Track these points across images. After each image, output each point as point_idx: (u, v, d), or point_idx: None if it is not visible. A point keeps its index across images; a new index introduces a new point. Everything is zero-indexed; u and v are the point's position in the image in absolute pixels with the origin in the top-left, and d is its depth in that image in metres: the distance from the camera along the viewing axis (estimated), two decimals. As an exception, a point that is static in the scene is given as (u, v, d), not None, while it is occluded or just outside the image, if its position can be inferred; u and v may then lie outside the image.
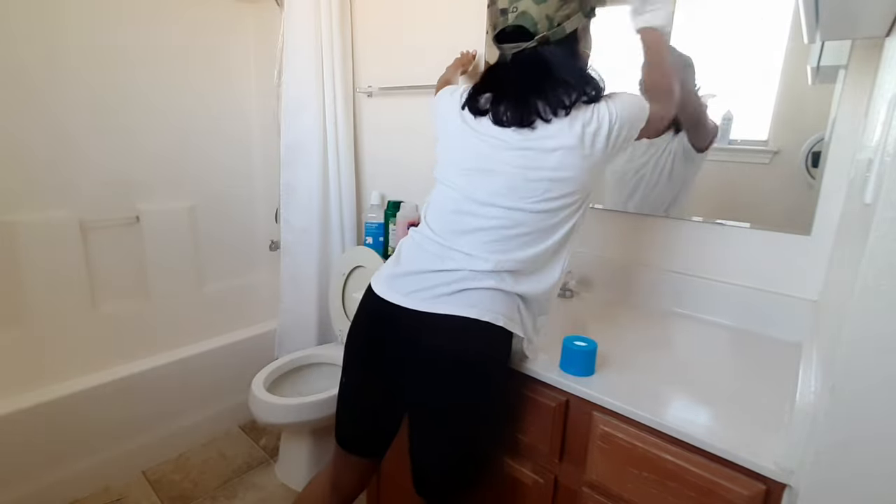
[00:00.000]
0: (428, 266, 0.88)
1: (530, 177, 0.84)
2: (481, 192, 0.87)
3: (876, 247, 0.49)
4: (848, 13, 0.74)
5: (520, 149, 0.85)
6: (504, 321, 0.84)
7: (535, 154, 0.84)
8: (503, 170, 0.85)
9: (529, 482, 0.98)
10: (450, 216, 0.90)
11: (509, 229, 0.85)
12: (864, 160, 0.66)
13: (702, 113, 1.16)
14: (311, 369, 1.74)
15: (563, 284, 1.32)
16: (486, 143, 0.88)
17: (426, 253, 0.89)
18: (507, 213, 0.85)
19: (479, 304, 0.83)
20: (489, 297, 0.84)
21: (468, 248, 0.86)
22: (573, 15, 0.84)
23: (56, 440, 1.47)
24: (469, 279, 0.84)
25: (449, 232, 0.89)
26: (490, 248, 0.85)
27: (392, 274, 0.91)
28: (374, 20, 1.83)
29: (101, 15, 1.86)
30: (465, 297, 0.84)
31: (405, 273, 0.90)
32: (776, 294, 1.09)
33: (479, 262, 0.85)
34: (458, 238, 0.88)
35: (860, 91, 0.95)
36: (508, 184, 0.85)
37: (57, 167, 1.83)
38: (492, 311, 0.83)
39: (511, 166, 0.85)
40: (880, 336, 0.50)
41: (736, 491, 0.70)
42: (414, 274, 0.88)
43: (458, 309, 0.83)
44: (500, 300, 0.85)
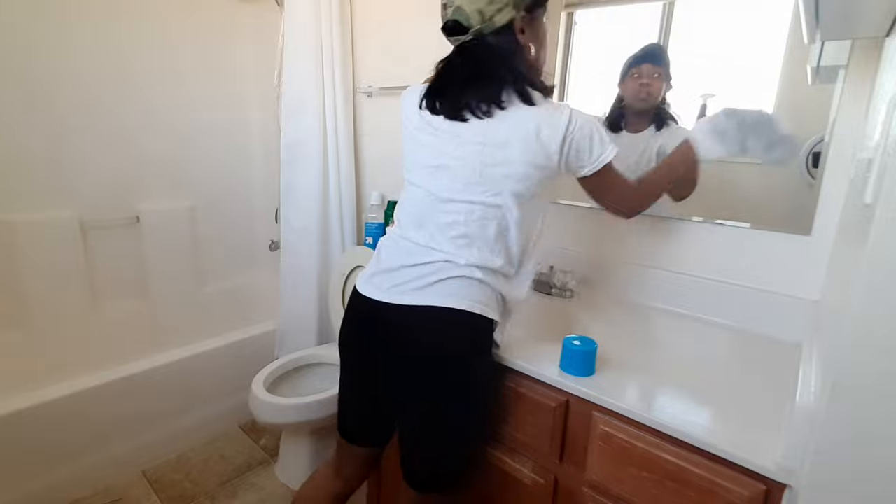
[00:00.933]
0: (404, 262, 0.90)
1: (485, 171, 0.86)
2: (441, 189, 0.90)
3: (876, 247, 0.49)
4: (848, 13, 0.74)
5: (473, 143, 0.87)
6: (481, 308, 0.86)
7: (486, 148, 0.86)
8: (458, 165, 0.88)
9: (529, 482, 0.98)
10: (417, 214, 0.93)
11: (471, 224, 0.88)
12: (864, 160, 0.66)
13: (693, 185, 1.18)
14: (311, 369, 1.74)
15: (563, 284, 1.32)
16: (441, 139, 0.90)
17: (401, 250, 0.92)
18: (467, 207, 0.87)
19: (456, 293, 0.86)
20: (465, 286, 0.87)
21: (436, 243, 0.89)
22: (504, 8, 0.86)
23: (56, 440, 1.47)
24: (443, 270, 0.87)
25: (417, 229, 0.92)
26: (457, 242, 0.88)
27: (373, 272, 0.95)
28: (374, 20, 1.83)
29: (101, 15, 1.86)
30: (441, 287, 0.86)
31: (384, 270, 0.92)
32: (776, 294, 1.09)
33: (450, 256, 0.87)
34: (426, 235, 0.90)
35: (860, 91, 0.95)
36: (465, 178, 0.88)
37: (57, 167, 1.83)
38: (468, 300, 0.86)
39: (465, 161, 0.87)
40: (880, 336, 0.50)
41: (736, 491, 0.70)
42: (392, 270, 0.91)
43: (435, 299, 0.86)
44: (476, 288, 0.87)
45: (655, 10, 1.22)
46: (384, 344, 0.92)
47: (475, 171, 0.87)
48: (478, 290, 0.87)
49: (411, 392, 0.92)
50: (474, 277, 0.87)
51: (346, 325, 0.99)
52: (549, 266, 1.36)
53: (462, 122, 0.88)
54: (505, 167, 0.86)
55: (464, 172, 0.88)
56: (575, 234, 1.41)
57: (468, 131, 0.88)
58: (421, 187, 0.93)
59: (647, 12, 1.24)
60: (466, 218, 0.88)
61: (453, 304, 0.85)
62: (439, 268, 0.87)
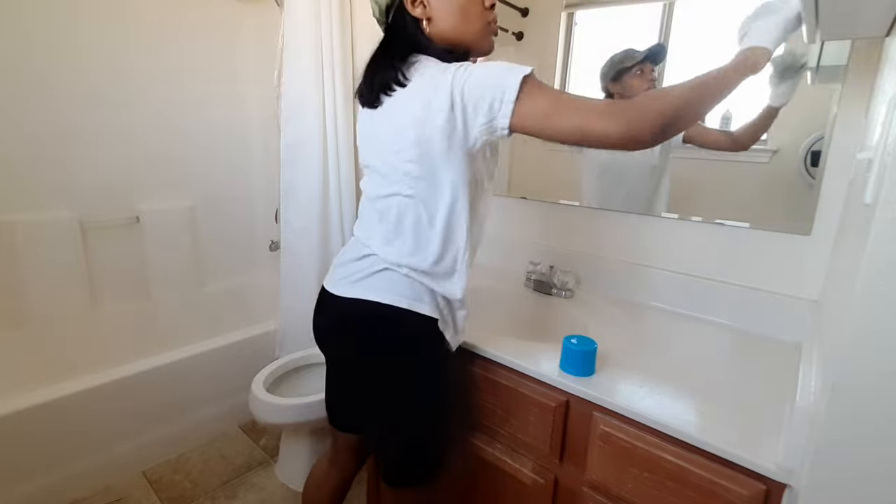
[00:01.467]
0: (350, 256, 0.94)
1: (392, 160, 0.86)
2: (369, 185, 0.93)
3: (876, 247, 0.49)
4: (848, 13, 0.74)
5: (374, 133, 0.89)
6: (408, 303, 0.86)
7: (387, 135, 0.86)
8: (374, 159, 0.90)
9: (529, 482, 0.98)
10: (361, 213, 0.97)
11: (391, 219, 0.87)
12: (864, 160, 0.66)
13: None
14: (311, 369, 1.73)
15: (563, 284, 1.32)
16: (361, 134, 0.94)
17: (350, 246, 0.97)
18: (387, 200, 0.88)
19: (382, 287, 0.87)
20: (394, 280, 0.87)
21: (372, 239, 0.91)
22: (394, 4, 0.88)
23: (56, 440, 1.47)
24: (376, 264, 0.88)
25: (360, 227, 0.95)
26: (386, 237, 0.89)
27: (332, 266, 0.99)
28: (373, 21, 1.82)
29: (101, 15, 1.86)
30: (373, 280, 0.88)
31: (338, 264, 0.96)
32: (776, 294, 1.09)
33: (378, 252, 0.89)
34: (365, 231, 0.93)
35: (860, 91, 0.95)
36: (380, 171, 0.89)
37: (57, 167, 1.83)
38: (394, 294, 0.86)
39: (377, 153, 0.89)
40: (880, 336, 0.50)
41: (736, 491, 0.70)
42: (342, 264, 0.95)
43: (364, 292, 0.87)
44: (404, 283, 0.87)
45: (655, 10, 1.22)
46: (331, 333, 0.96)
47: (385, 163, 0.87)
48: (406, 285, 0.87)
49: (357, 385, 0.96)
50: (401, 272, 0.87)
51: (314, 315, 1.02)
52: (549, 266, 1.36)
53: (371, 108, 0.89)
54: (404, 151, 0.83)
55: (378, 165, 0.89)
56: (574, 233, 1.41)
57: (368, 119, 0.90)
58: (363, 186, 0.96)
59: (647, 12, 1.24)
60: (386, 213, 0.88)
61: (376, 297, 0.86)
62: (373, 262, 0.89)
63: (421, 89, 0.80)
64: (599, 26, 1.34)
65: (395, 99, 0.84)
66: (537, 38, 1.43)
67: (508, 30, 1.47)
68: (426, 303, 0.88)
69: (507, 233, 1.56)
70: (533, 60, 1.44)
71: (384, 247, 0.88)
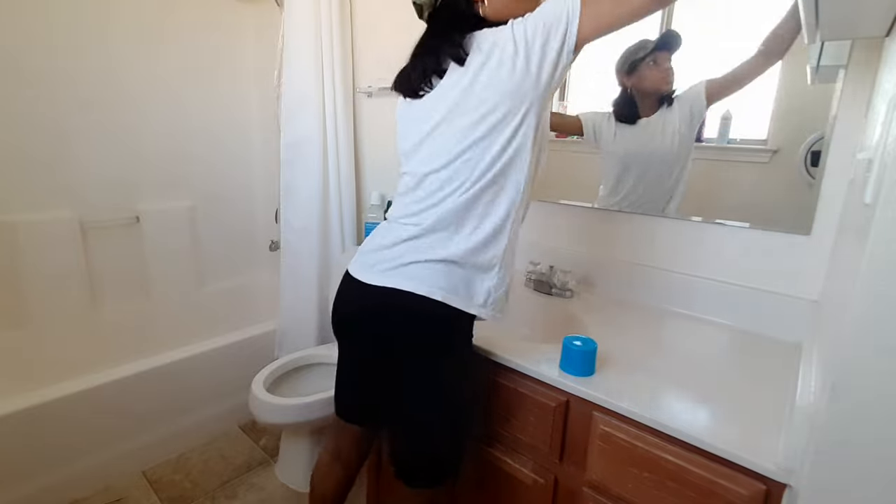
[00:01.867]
0: (384, 242, 0.90)
1: (447, 131, 0.85)
2: (417, 165, 0.90)
3: (876, 247, 0.49)
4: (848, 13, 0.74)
5: (422, 118, 0.89)
6: (442, 295, 0.82)
7: (454, 105, 0.85)
8: (429, 140, 0.89)
9: (529, 482, 0.98)
10: (399, 198, 0.94)
11: (441, 192, 0.85)
12: (864, 160, 0.66)
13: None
14: (311, 369, 1.73)
15: (563, 284, 1.32)
16: (407, 120, 0.95)
17: (383, 230, 0.93)
18: (442, 173, 0.86)
19: (417, 278, 0.83)
20: (429, 271, 0.83)
21: (414, 220, 0.87)
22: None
23: (56, 440, 1.47)
24: (411, 252, 0.85)
25: (400, 211, 0.92)
26: (427, 216, 0.86)
27: (360, 251, 0.95)
28: (374, 20, 1.83)
29: (101, 15, 1.86)
30: (408, 270, 0.84)
31: (369, 250, 0.93)
32: (776, 294, 1.09)
33: (419, 233, 0.86)
34: (406, 215, 0.90)
35: (860, 91, 0.95)
36: (430, 149, 0.88)
37: (57, 167, 1.83)
38: (428, 285, 0.83)
39: (432, 134, 0.88)
40: (880, 336, 0.50)
41: (736, 491, 0.70)
42: (374, 251, 0.91)
43: (399, 282, 0.84)
44: (441, 273, 0.83)
45: (655, 10, 1.22)
46: (361, 323, 0.93)
47: (438, 138, 0.86)
48: (443, 276, 0.83)
49: (383, 378, 0.93)
50: (441, 260, 0.84)
51: (335, 302, 0.98)
52: (549, 266, 1.36)
53: (415, 97, 0.91)
54: (467, 115, 0.83)
55: (434, 145, 0.88)
56: (574, 233, 1.41)
57: (426, 107, 0.89)
58: (406, 171, 0.94)
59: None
60: (437, 186, 0.85)
61: (411, 287, 0.82)
62: (407, 249, 0.85)
63: (485, 52, 0.82)
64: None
65: (454, 76, 0.85)
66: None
67: (508, 30, 1.46)
68: (461, 297, 0.84)
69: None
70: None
71: (428, 234, 0.85)
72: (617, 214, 1.33)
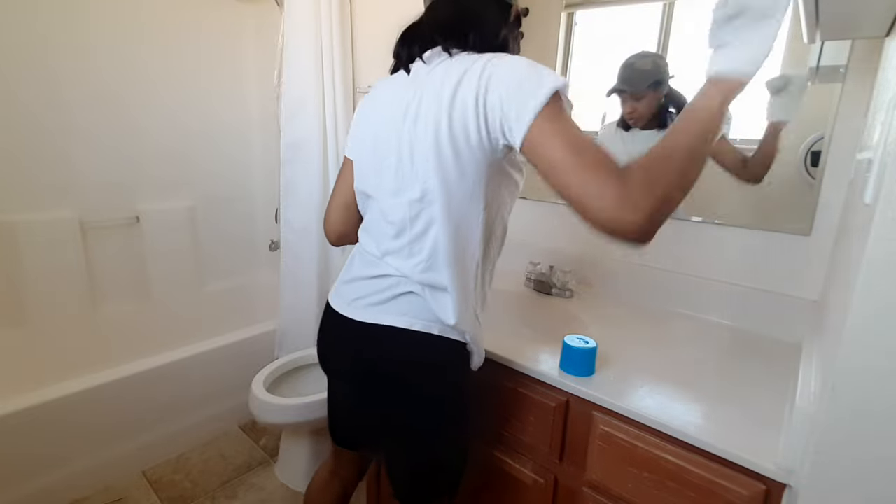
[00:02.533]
0: (364, 273, 0.85)
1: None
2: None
3: (876, 247, 0.49)
4: (848, 13, 0.74)
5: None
6: (439, 329, 0.79)
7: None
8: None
9: (529, 482, 0.98)
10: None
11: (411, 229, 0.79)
12: (864, 160, 0.66)
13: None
14: (311, 369, 1.73)
15: (563, 284, 1.32)
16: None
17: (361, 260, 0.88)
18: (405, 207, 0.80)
19: (409, 312, 0.79)
20: (418, 303, 0.79)
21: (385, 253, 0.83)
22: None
23: (56, 440, 1.47)
24: (401, 284, 0.79)
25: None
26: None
27: (342, 280, 0.91)
28: (374, 20, 1.83)
29: (101, 16, 1.86)
30: (397, 304, 0.80)
31: (349, 280, 0.88)
32: (776, 294, 1.09)
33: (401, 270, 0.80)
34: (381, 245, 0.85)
35: (860, 91, 0.95)
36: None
37: (57, 167, 1.83)
38: (421, 319, 0.78)
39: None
40: (880, 336, 0.50)
41: (736, 491, 0.70)
42: (354, 281, 0.87)
43: (389, 318, 0.79)
44: (425, 306, 0.79)
45: (655, 10, 1.22)
46: (346, 359, 0.89)
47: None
48: (427, 308, 0.79)
49: (376, 410, 0.90)
50: (429, 288, 0.78)
51: (319, 335, 0.95)
52: (549, 266, 1.36)
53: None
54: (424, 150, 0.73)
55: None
56: (574, 233, 1.41)
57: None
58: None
59: (647, 12, 1.24)
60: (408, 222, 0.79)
61: (405, 324, 0.78)
62: (397, 281, 0.79)
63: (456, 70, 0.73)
64: (599, 26, 1.34)
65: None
66: (537, 38, 1.43)
67: (508, 30, 1.46)
68: (455, 330, 0.80)
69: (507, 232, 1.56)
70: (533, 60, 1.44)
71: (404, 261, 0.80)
72: (617, 214, 1.33)
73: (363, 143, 0.86)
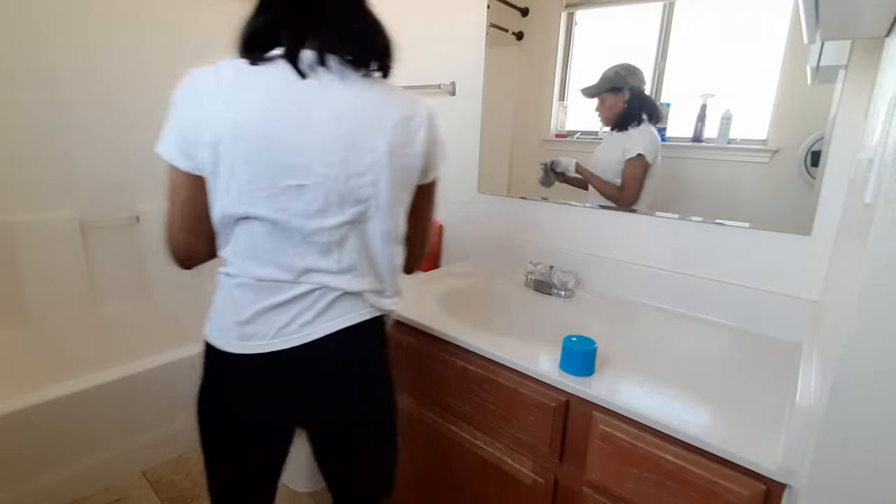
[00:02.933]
0: (272, 301, 0.82)
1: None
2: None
3: (876, 247, 0.49)
4: (848, 13, 0.74)
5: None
6: (377, 312, 0.84)
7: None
8: None
9: (529, 482, 0.98)
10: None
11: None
12: (864, 160, 0.66)
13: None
14: (311, 369, 1.73)
15: (563, 284, 1.32)
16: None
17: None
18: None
19: (354, 309, 0.81)
20: (353, 299, 0.81)
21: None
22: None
23: (56, 440, 1.47)
24: (331, 292, 0.80)
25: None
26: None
27: (237, 322, 0.82)
28: (374, 20, 1.82)
29: (101, 16, 1.86)
30: (335, 310, 0.80)
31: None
32: (776, 294, 1.09)
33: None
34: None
35: (860, 91, 0.95)
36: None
37: (57, 167, 1.83)
38: (362, 311, 0.82)
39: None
40: (880, 336, 0.50)
41: (736, 491, 0.70)
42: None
43: (337, 323, 0.80)
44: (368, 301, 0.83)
45: (655, 10, 1.22)
46: (290, 392, 0.83)
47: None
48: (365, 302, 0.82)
49: (335, 422, 0.87)
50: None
51: (228, 392, 0.88)
52: (548, 266, 1.36)
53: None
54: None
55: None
56: (574, 233, 1.41)
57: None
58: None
59: (647, 12, 1.24)
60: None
61: (355, 320, 0.80)
62: (323, 293, 0.79)
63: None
64: (599, 26, 1.34)
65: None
66: (537, 38, 1.43)
67: (508, 30, 1.47)
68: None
69: (507, 233, 1.56)
70: (533, 60, 1.44)
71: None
72: (618, 214, 1.33)
73: (233, 157, 0.72)
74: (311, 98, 0.73)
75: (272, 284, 0.78)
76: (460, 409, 1.08)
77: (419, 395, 1.17)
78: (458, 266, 1.58)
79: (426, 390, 1.14)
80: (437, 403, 1.13)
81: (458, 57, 1.58)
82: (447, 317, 1.14)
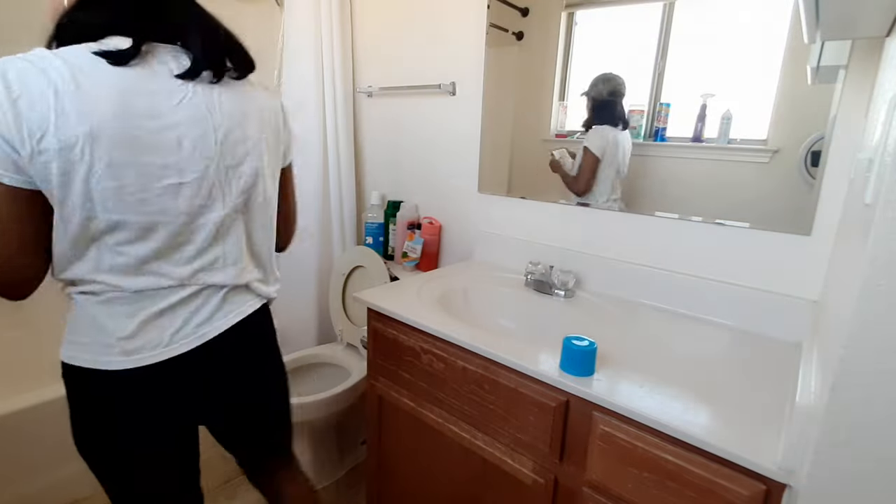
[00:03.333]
0: (154, 308, 0.82)
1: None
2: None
3: (876, 247, 0.49)
4: (848, 13, 0.74)
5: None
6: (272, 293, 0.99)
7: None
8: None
9: (529, 482, 0.98)
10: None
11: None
12: (864, 160, 0.66)
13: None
14: (311, 369, 1.74)
15: (563, 284, 1.32)
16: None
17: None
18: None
19: (248, 299, 0.92)
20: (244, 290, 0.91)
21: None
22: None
23: (56, 440, 1.47)
24: (220, 289, 0.87)
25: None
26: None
27: (119, 338, 0.80)
28: (373, 20, 1.83)
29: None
30: (230, 303, 0.87)
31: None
32: (776, 294, 1.09)
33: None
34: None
35: (860, 91, 0.95)
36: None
37: (57, 167, 1.83)
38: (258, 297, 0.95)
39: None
40: (880, 336, 0.50)
41: (736, 491, 0.70)
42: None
43: (233, 316, 0.87)
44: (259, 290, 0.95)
45: (655, 10, 1.22)
46: (210, 383, 0.86)
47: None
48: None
49: (241, 409, 0.96)
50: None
51: (129, 407, 0.85)
52: (549, 266, 1.36)
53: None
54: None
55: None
56: (574, 233, 1.41)
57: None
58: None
59: (647, 12, 1.24)
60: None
61: (254, 306, 0.92)
62: (213, 290, 0.85)
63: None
64: (599, 26, 1.34)
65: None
66: (537, 38, 1.43)
67: (508, 30, 1.47)
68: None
69: (507, 233, 1.56)
70: (533, 60, 1.44)
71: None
72: (617, 214, 1.33)
73: (89, 162, 0.64)
74: (171, 93, 0.71)
75: (152, 293, 0.75)
76: (460, 409, 1.08)
77: (419, 394, 1.17)
78: (457, 266, 1.58)
79: (426, 390, 1.14)
80: (436, 403, 1.13)
81: (458, 57, 1.58)
82: (447, 317, 1.14)
